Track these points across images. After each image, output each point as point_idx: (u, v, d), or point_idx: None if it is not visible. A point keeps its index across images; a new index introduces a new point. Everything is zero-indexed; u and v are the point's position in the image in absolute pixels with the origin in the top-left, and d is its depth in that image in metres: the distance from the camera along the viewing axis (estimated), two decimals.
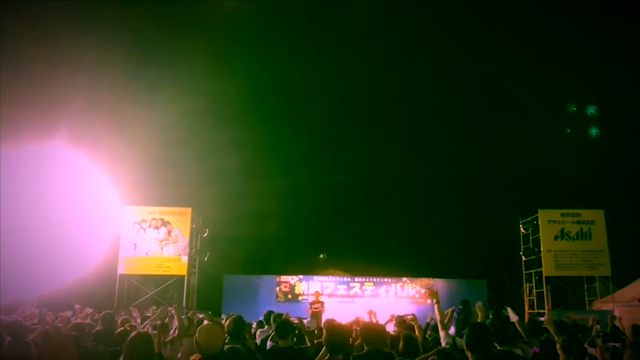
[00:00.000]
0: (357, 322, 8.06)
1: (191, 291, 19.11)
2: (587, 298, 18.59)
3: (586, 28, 22.41)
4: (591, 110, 21.34)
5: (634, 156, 25.27)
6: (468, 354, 3.65)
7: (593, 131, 21.20)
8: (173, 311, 7.16)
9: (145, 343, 3.85)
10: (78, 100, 18.61)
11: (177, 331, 6.39)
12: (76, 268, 16.74)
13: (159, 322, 5.17)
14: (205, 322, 6.05)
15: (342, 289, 21.20)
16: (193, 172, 22.49)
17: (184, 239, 18.52)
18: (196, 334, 4.00)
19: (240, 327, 5.21)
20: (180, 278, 18.38)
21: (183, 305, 17.38)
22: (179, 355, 5.82)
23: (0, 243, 14.67)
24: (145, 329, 6.34)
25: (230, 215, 22.72)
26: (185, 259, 18.37)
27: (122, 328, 6.07)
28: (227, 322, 5.34)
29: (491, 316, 10.76)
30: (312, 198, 25.98)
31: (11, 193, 15.58)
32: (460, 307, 11.83)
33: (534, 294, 19.00)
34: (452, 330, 6.40)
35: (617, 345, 4.95)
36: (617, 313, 15.48)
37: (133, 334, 4.04)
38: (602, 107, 22.09)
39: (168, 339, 6.09)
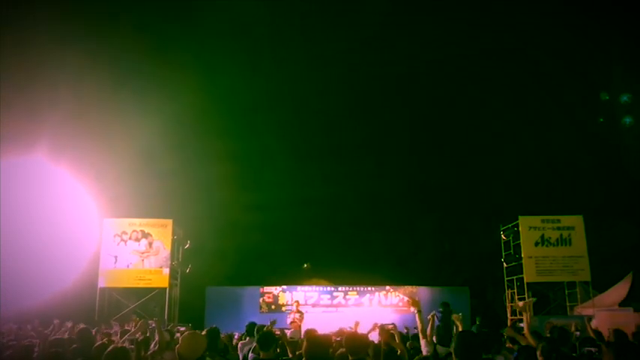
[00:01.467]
0: (340, 332, 8.05)
1: (173, 303, 18.91)
2: (568, 304, 18.77)
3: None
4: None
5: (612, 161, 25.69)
6: None
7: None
8: (154, 324, 7.08)
9: (121, 357, 3.81)
10: (59, 111, 18.43)
11: (157, 345, 6.32)
12: (55, 281, 16.49)
13: (138, 336, 5.11)
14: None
15: (325, 298, 21.18)
16: (174, 184, 22.33)
17: (166, 251, 18.36)
18: (179, 342, 3.99)
19: (215, 338, 5.19)
20: (162, 291, 18.19)
21: (165, 318, 17.19)
22: None
23: None
24: (124, 344, 6.25)
25: (212, 227, 22.60)
26: (166, 271, 18.20)
27: (100, 342, 5.98)
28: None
29: (477, 323, 10.81)
30: (295, 208, 25.93)
31: None
32: (440, 309, 11.86)
33: (516, 300, 19.13)
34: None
35: (594, 350, 5.00)
36: (597, 318, 15.66)
37: (109, 349, 4.00)
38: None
39: (149, 353, 6.02)
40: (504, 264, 19.77)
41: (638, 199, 24.87)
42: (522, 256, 18.37)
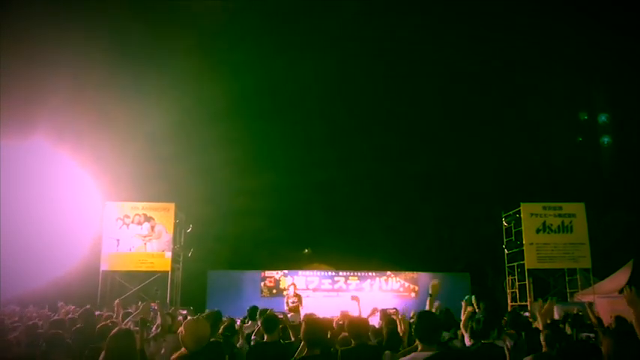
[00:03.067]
0: (343, 316, 8.07)
1: (175, 287, 19.00)
2: (568, 290, 18.82)
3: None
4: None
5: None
6: (417, 342, 3.69)
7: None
8: (156, 307, 7.11)
9: (127, 339, 3.80)
10: (60, 95, 18.39)
11: (159, 328, 6.35)
12: (58, 265, 16.57)
13: (140, 319, 5.13)
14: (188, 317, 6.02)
15: (326, 283, 21.25)
16: (177, 168, 22.38)
17: (168, 235, 18.39)
18: (182, 329, 3.97)
19: (217, 322, 5.21)
20: (164, 274, 18.26)
21: (167, 301, 17.27)
22: (162, 352, 5.78)
23: None
24: (127, 325, 6.28)
25: (214, 211, 22.65)
26: (169, 254, 18.25)
27: (103, 324, 6.01)
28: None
29: (481, 307, 10.78)
30: (297, 194, 25.98)
31: None
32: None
33: (517, 286, 19.20)
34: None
35: (591, 335, 5.02)
36: (597, 305, 15.71)
37: (114, 330, 4.00)
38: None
39: (151, 335, 6.05)
40: (505, 250, 19.80)
41: (635, 188, 24.88)
42: (523, 242, 18.38)
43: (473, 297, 8.32)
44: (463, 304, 6.75)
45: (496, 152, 26.54)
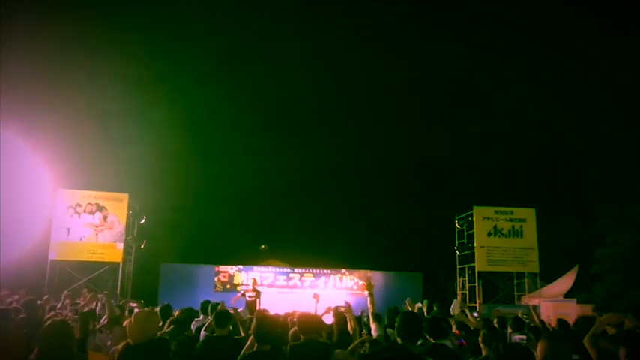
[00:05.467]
0: (293, 313, 8.10)
1: (126, 279, 18.66)
2: (516, 293, 19.36)
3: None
4: None
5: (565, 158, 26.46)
6: (398, 341, 3.74)
7: None
8: (104, 298, 6.98)
9: (61, 331, 3.69)
10: (8, 75, 17.74)
11: (107, 319, 6.24)
12: (4, 252, 16.01)
13: (85, 310, 5.01)
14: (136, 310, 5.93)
15: (281, 279, 21.22)
16: (132, 157, 21.93)
17: (120, 225, 18.04)
18: (131, 319, 3.91)
19: (168, 315, 5.17)
20: (115, 265, 17.92)
21: (118, 293, 16.95)
22: (109, 343, 5.68)
23: None
24: (67, 317, 6.13)
25: (169, 203, 22.34)
26: (121, 245, 17.90)
27: (52, 314, 5.86)
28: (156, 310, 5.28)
29: (435, 308, 10.95)
30: (255, 190, 25.88)
31: None
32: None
33: (467, 288, 19.62)
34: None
35: (523, 337, 5.19)
36: (543, 308, 16.24)
37: (48, 322, 3.89)
38: None
39: (97, 326, 5.94)
40: (457, 252, 20.20)
41: (584, 198, 25.78)
42: (475, 245, 18.79)
43: (425, 301, 8.47)
44: (408, 303, 6.86)
45: (452, 156, 27.05)
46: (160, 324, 4.99)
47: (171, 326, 6.08)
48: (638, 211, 23.75)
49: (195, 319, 8.48)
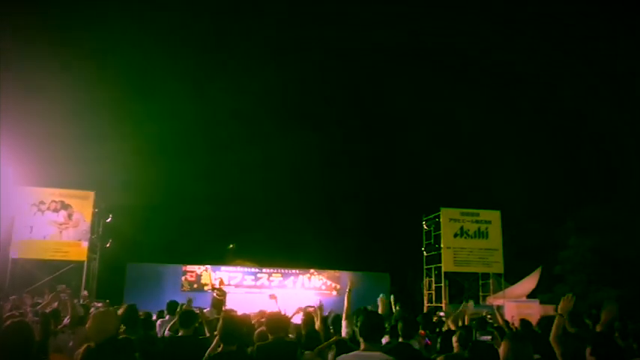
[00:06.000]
0: (261, 313, 8.08)
1: (91, 278, 18.33)
2: (481, 293, 19.67)
3: None
4: None
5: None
6: (361, 341, 3.76)
7: None
8: (66, 298, 6.83)
9: (20, 332, 3.60)
10: None
11: (69, 319, 6.11)
12: None
13: (48, 309, 4.90)
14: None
15: (249, 279, 21.16)
16: (99, 156, 21.55)
17: (86, 224, 17.71)
18: (89, 321, 3.86)
19: (133, 315, 5.11)
20: (79, 264, 17.57)
21: (86, 293, 16.63)
22: (71, 344, 5.56)
23: None
24: (28, 317, 5.98)
25: (137, 201, 21.99)
26: (85, 244, 17.58)
27: (10, 314, 5.71)
28: (121, 310, 5.21)
29: (398, 308, 11.04)
30: (223, 190, 25.71)
31: None
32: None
33: (433, 288, 19.85)
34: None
35: (489, 337, 5.29)
36: (507, 308, 16.54)
37: (6, 322, 3.79)
38: None
39: (59, 327, 5.81)
40: (424, 253, 20.42)
41: (548, 201, 26.38)
42: (441, 246, 19.02)
43: (392, 297, 8.58)
44: (380, 301, 6.92)
45: (421, 157, 27.33)
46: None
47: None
48: (600, 213, 24.42)
49: (161, 319, 8.39)
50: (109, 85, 21.76)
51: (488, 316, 9.38)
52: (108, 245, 19.54)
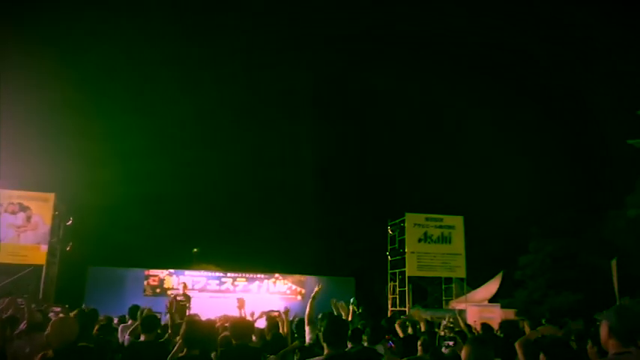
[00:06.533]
0: (225, 318, 8.03)
1: (49, 282, 17.83)
2: (444, 298, 19.93)
3: None
4: None
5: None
6: (324, 347, 3.77)
7: None
8: (23, 303, 6.64)
9: None
10: None
11: (26, 325, 5.93)
12: None
13: (4, 315, 4.75)
14: (61, 315, 5.70)
15: (213, 284, 20.94)
16: (59, 156, 21.06)
17: (45, 226, 17.25)
18: (48, 328, 3.78)
19: (93, 320, 5.02)
20: (38, 268, 17.09)
21: (40, 297, 16.18)
22: (27, 350, 5.41)
23: None
24: None
25: (99, 204, 21.57)
26: (45, 247, 17.11)
27: None
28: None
29: (359, 311, 11.09)
30: (188, 193, 25.44)
31: None
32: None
33: (397, 292, 20.01)
34: None
35: (451, 343, 5.39)
36: (469, 312, 16.81)
37: None
38: None
39: (15, 333, 5.64)
40: (389, 257, 20.57)
41: (509, 208, 26.94)
42: (406, 250, 19.19)
43: (353, 299, 8.62)
44: (339, 306, 6.94)
45: (386, 163, 27.57)
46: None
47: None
48: (560, 219, 25.06)
49: (123, 324, 8.25)
50: (70, 83, 21.33)
51: (450, 320, 9.51)
52: (68, 249, 19.08)
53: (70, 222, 18.97)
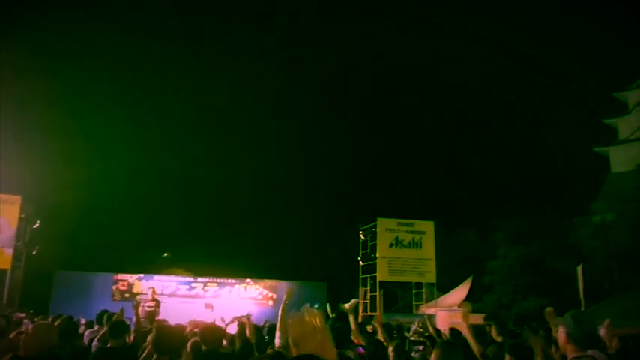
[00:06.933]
0: (195, 323, 7.98)
1: (14, 287, 17.43)
2: (414, 303, 20.06)
3: None
4: None
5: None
6: (294, 350, 3.78)
7: None
8: None
9: None
10: None
11: None
12: None
13: None
14: (26, 321, 5.61)
15: (183, 288, 20.76)
16: (26, 158, 20.63)
17: (11, 230, 16.85)
18: (27, 330, 3.73)
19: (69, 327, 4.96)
20: (3, 273, 16.70)
21: (5, 302, 15.82)
22: None
23: None
24: None
25: (67, 208, 21.20)
26: (10, 251, 16.72)
27: None
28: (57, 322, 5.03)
29: (333, 315, 11.10)
30: (158, 197, 25.18)
31: None
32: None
33: (369, 297, 20.08)
34: None
35: (421, 348, 5.49)
36: (439, 317, 16.97)
37: None
38: None
39: None
40: (361, 262, 20.64)
41: (480, 213, 27.38)
42: (377, 255, 19.27)
43: (328, 305, 8.62)
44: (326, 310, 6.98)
45: (360, 167, 27.74)
46: None
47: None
48: (529, 224, 25.58)
49: (90, 329, 8.13)
50: (37, 83, 20.95)
51: (420, 325, 9.60)
52: (35, 252, 18.69)
53: (37, 225, 18.60)
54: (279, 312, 6.59)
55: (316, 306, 7.36)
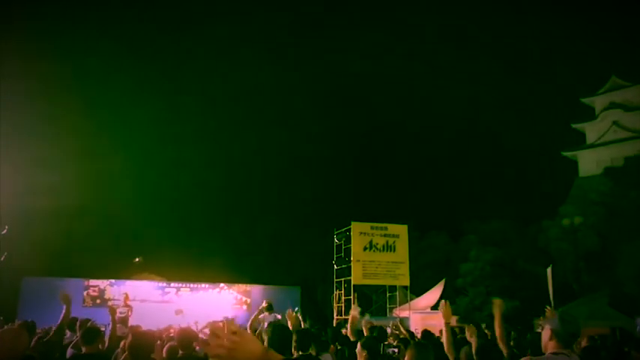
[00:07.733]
0: (169, 328, 7.94)
1: None
2: (388, 305, 20.20)
3: None
4: None
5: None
6: None
7: None
8: None
9: None
10: None
11: None
12: None
13: None
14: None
15: (156, 294, 20.54)
16: None
17: None
18: None
19: (30, 333, 4.88)
20: None
21: None
22: None
23: None
24: None
25: (36, 212, 20.78)
26: None
27: None
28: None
29: (309, 321, 11.16)
30: (129, 201, 24.87)
31: None
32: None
33: (343, 301, 20.15)
34: None
35: (396, 350, 5.54)
36: (412, 319, 17.13)
37: None
38: None
39: None
40: (335, 266, 20.70)
41: (454, 216, 27.73)
42: (351, 259, 19.34)
43: (298, 310, 8.66)
44: (288, 315, 6.99)
45: (334, 171, 27.85)
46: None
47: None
48: (499, 227, 25.99)
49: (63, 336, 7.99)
50: (11, 80, 20.56)
51: (394, 327, 9.70)
52: (2, 259, 18.29)
53: (5, 231, 18.22)
54: (251, 316, 6.63)
55: (297, 309, 7.40)
